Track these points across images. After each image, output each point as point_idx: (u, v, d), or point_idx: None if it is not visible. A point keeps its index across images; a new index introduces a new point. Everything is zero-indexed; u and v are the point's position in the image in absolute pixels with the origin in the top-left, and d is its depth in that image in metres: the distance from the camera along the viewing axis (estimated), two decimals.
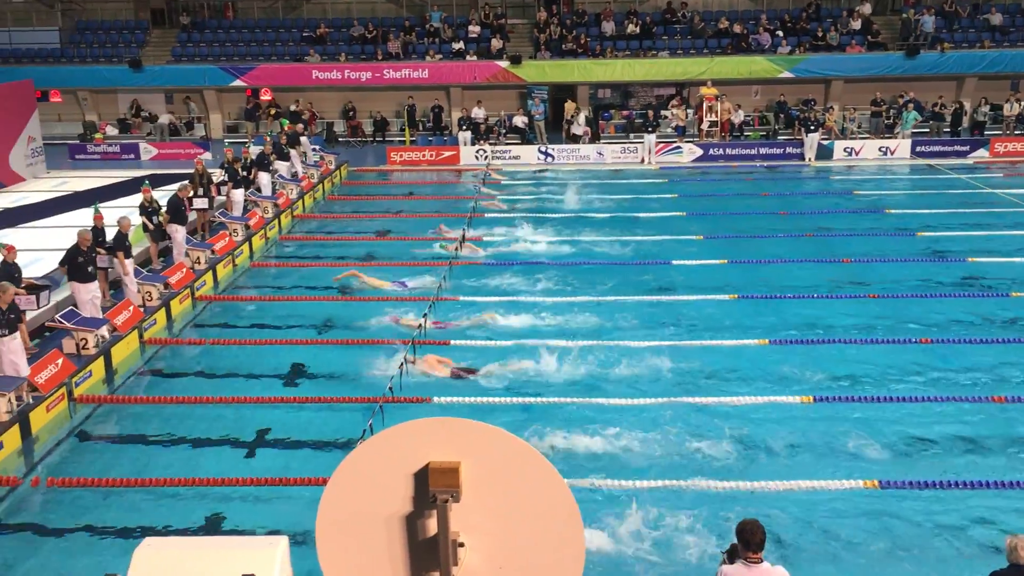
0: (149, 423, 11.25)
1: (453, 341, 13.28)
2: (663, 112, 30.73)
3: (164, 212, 16.80)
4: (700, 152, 28.59)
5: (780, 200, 22.98)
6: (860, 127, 30.24)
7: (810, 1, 33.33)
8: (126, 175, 25.27)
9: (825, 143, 28.29)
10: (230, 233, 18.47)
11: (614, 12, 33.09)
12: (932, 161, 27.77)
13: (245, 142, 28.03)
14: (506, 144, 29.71)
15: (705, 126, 29.89)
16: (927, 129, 29.92)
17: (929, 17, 31.30)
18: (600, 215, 21.46)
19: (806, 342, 13.21)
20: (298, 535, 7.42)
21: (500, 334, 13.58)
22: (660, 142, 28.70)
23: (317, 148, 27.50)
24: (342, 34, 33.33)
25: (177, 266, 16.01)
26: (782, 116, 30.90)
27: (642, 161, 28.41)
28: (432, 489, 3.96)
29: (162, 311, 14.68)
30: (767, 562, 5.91)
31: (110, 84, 32.27)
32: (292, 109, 30.59)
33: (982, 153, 28.17)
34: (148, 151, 29.79)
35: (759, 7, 34.17)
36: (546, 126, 30.72)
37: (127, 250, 14.57)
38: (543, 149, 29.00)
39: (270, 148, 22.87)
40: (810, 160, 27.98)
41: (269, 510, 9.22)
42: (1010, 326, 13.87)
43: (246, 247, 18.74)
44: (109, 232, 14.91)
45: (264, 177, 21.82)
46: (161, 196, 17.81)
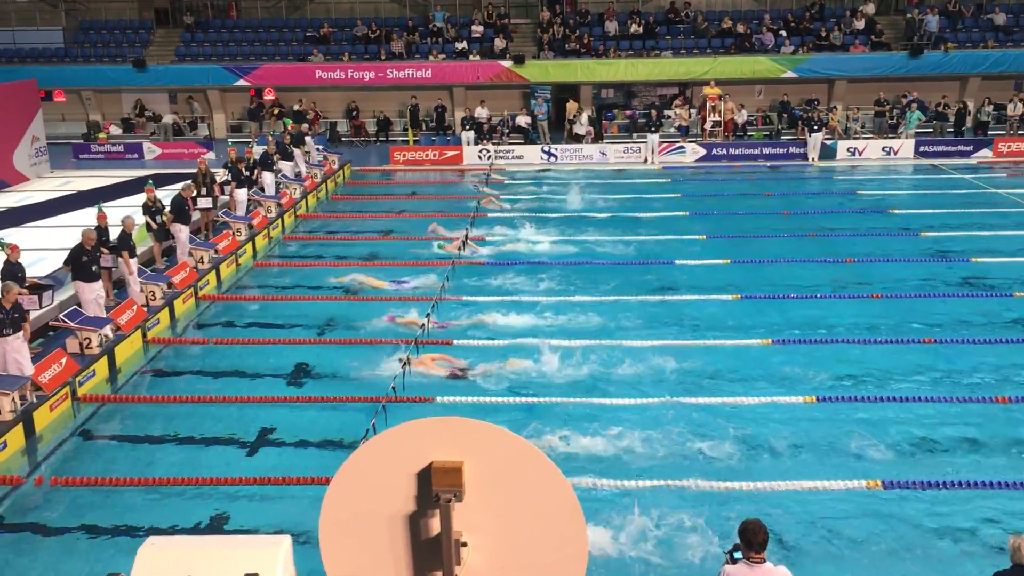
0: (152, 422, 11.28)
1: (456, 341, 13.29)
2: (666, 112, 30.71)
3: (168, 212, 16.83)
4: (703, 152, 28.56)
5: (783, 200, 22.95)
6: (863, 127, 30.17)
7: (813, 1, 33.29)
8: (130, 175, 25.29)
9: (828, 143, 28.25)
10: (233, 233, 18.49)
11: (617, 12, 33.06)
12: (936, 161, 27.72)
13: (248, 142, 28.09)
14: (509, 144, 29.70)
15: (708, 126, 29.86)
16: (931, 129, 29.88)
17: (933, 17, 31.24)
18: (603, 215, 21.43)
19: (809, 342, 13.20)
20: (301, 534, 7.43)
21: (502, 334, 13.57)
22: (663, 142, 28.66)
23: (320, 148, 27.52)
24: (345, 34, 33.34)
25: (180, 265, 16.03)
26: (785, 116, 30.84)
27: (645, 161, 28.37)
28: (435, 488, 3.96)
29: (165, 310, 14.71)
30: (770, 562, 5.91)
31: (114, 84, 32.30)
32: (296, 109, 30.60)
33: (986, 153, 28.12)
34: (152, 151, 29.79)
35: (762, 7, 34.12)
36: (549, 126, 30.69)
37: (131, 249, 14.61)
38: (546, 149, 28.98)
39: (273, 148, 22.89)
40: (813, 160, 27.95)
41: (272, 509, 9.23)
42: (1014, 326, 13.85)
43: (249, 247, 18.76)
44: (112, 232, 14.96)
45: (268, 177, 21.84)
46: (164, 196, 17.83)
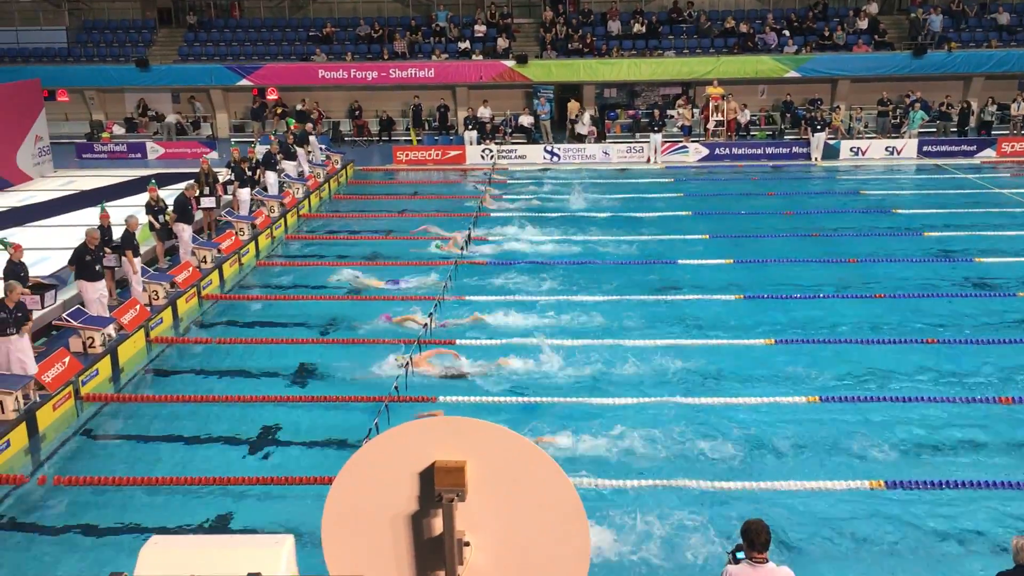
0: (155, 422, 11.29)
1: (458, 341, 13.29)
2: (669, 112, 30.67)
3: (171, 211, 16.86)
4: (706, 152, 28.54)
5: (786, 200, 22.92)
6: (867, 127, 30.14)
7: (817, 0, 33.26)
8: (133, 174, 25.30)
9: (831, 143, 28.21)
10: (236, 232, 18.51)
11: (620, 12, 33.03)
12: (939, 161, 27.68)
13: (251, 141, 28.10)
14: (512, 143, 29.70)
15: (711, 126, 29.84)
16: (934, 129, 29.83)
17: (936, 16, 31.19)
18: (605, 214, 21.43)
19: (812, 342, 13.19)
20: (304, 534, 7.43)
21: (504, 333, 13.58)
22: (666, 142, 28.64)
23: (323, 148, 27.55)
24: (348, 33, 33.36)
25: (183, 265, 16.05)
26: (788, 116, 30.81)
27: (648, 161, 28.35)
28: (438, 488, 3.96)
29: (168, 310, 14.73)
30: (772, 562, 5.91)
31: (117, 83, 32.33)
32: (299, 108, 30.63)
33: (989, 153, 28.07)
34: (155, 150, 29.80)
35: (765, 6, 34.08)
36: (552, 126, 30.70)
37: (135, 249, 14.63)
38: (549, 148, 28.97)
39: (276, 147, 22.90)
40: (816, 160, 27.92)
41: (275, 509, 9.24)
42: (1017, 326, 13.83)
43: (252, 246, 18.78)
44: (115, 231, 14.98)
45: (271, 176, 21.86)
46: (167, 195, 17.86)
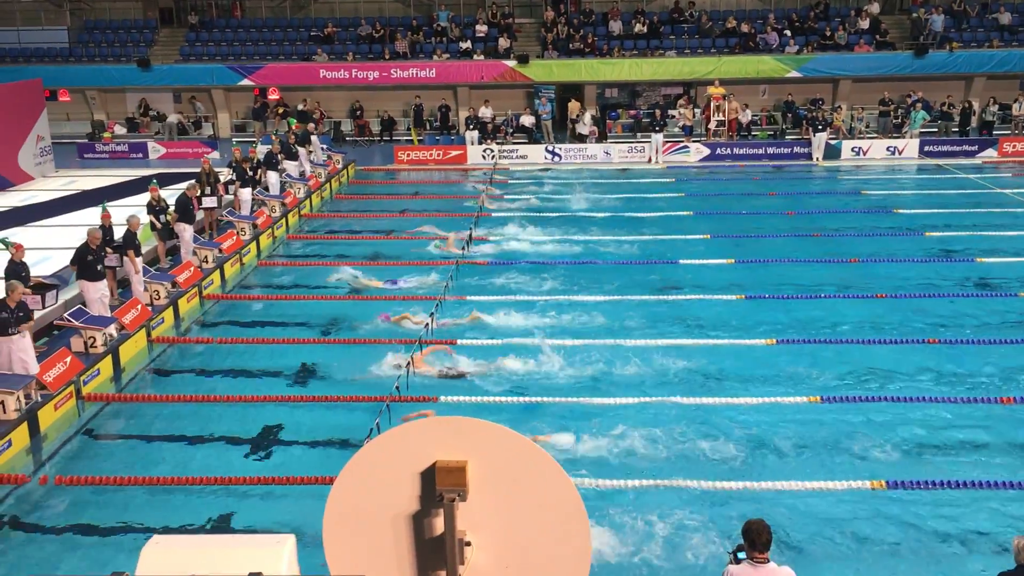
0: (156, 421, 11.30)
1: (458, 340, 13.29)
2: (670, 112, 30.66)
3: (172, 211, 16.86)
4: (707, 152, 28.53)
5: (787, 200, 22.91)
6: (868, 127, 30.13)
7: (818, 0, 33.24)
8: (134, 174, 25.32)
9: (833, 143, 28.19)
10: (238, 232, 18.51)
11: (621, 11, 33.03)
12: (940, 161, 27.66)
13: (253, 141, 28.10)
14: (513, 143, 29.70)
15: (712, 125, 29.83)
16: (935, 129, 29.80)
17: (938, 16, 31.16)
18: (607, 214, 21.43)
19: (813, 342, 13.18)
20: (305, 534, 7.42)
21: (505, 333, 13.57)
22: (667, 141, 28.63)
23: (325, 147, 27.56)
24: (349, 33, 33.36)
25: (185, 265, 16.06)
26: (790, 116, 30.79)
27: (649, 160, 28.33)
28: (439, 488, 3.96)
29: (170, 309, 14.73)
30: (773, 562, 5.90)
31: (118, 83, 32.35)
32: (300, 108, 30.64)
33: (990, 153, 28.05)
34: (156, 150, 29.81)
35: (767, 6, 34.07)
36: (553, 125, 30.70)
37: (137, 248, 14.63)
38: (550, 148, 28.96)
39: (278, 147, 22.91)
40: (818, 160, 27.90)
41: (276, 508, 9.25)
42: (1018, 326, 13.81)
43: (253, 246, 18.78)
44: (117, 231, 14.98)
45: (272, 176, 21.87)
46: (169, 195, 17.86)
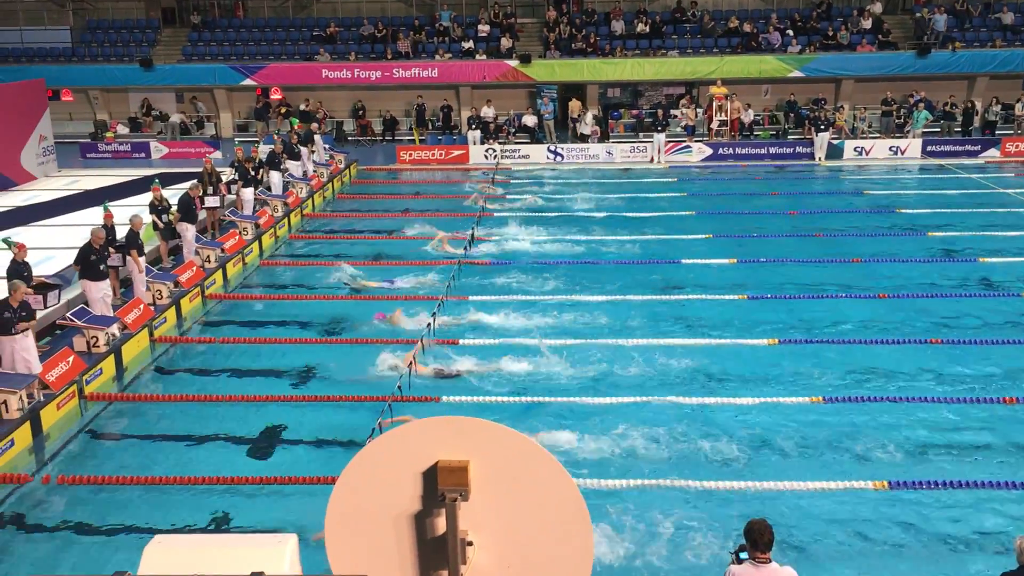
0: (159, 421, 11.31)
1: (460, 340, 13.29)
2: (673, 111, 30.66)
3: (175, 211, 16.88)
4: (710, 151, 28.51)
5: (790, 200, 22.90)
6: (870, 127, 30.09)
7: (820, 0, 33.21)
8: (136, 174, 25.36)
9: (835, 142, 28.16)
10: (240, 232, 18.53)
11: (624, 11, 33.01)
12: (943, 161, 27.63)
13: (255, 141, 28.13)
14: (515, 143, 29.70)
15: (715, 125, 29.82)
16: (938, 129, 29.76)
17: (940, 16, 31.13)
18: (609, 214, 21.42)
19: (815, 342, 13.18)
20: (307, 533, 7.43)
21: (506, 333, 13.57)
22: (669, 141, 28.62)
23: (327, 147, 27.57)
24: (352, 33, 33.38)
25: (187, 264, 16.07)
26: (792, 115, 30.78)
27: (651, 160, 28.32)
28: (441, 488, 3.97)
29: (172, 309, 14.75)
30: (775, 562, 5.90)
31: (121, 83, 32.39)
32: (303, 108, 30.65)
33: (993, 153, 28.01)
34: (159, 150, 29.83)
35: (769, 6, 34.05)
36: (555, 125, 30.70)
37: (140, 248, 14.64)
38: (552, 148, 28.96)
39: (280, 147, 22.93)
40: (820, 160, 27.87)
41: (278, 508, 9.25)
42: (1021, 326, 13.79)
43: (256, 246, 18.79)
44: (119, 231, 15.00)
45: (275, 176, 21.89)
46: (171, 195, 17.88)
